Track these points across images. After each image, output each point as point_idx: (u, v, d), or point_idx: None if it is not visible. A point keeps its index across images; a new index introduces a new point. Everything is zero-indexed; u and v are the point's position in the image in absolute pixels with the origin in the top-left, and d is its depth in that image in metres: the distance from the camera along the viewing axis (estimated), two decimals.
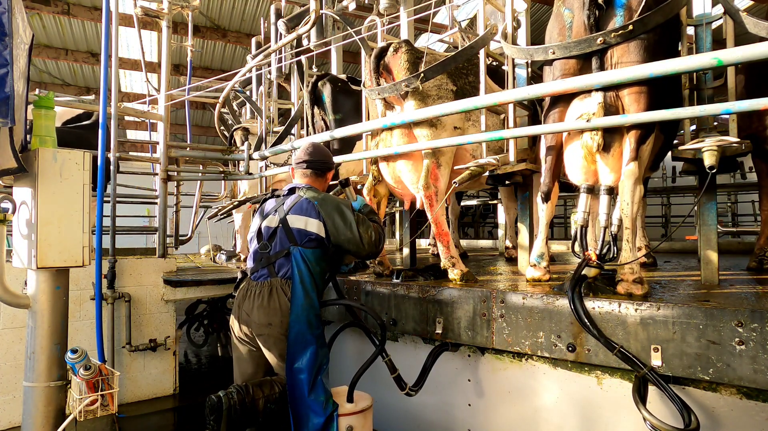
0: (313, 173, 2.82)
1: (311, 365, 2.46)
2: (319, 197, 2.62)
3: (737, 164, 2.82)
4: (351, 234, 2.58)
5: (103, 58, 4.03)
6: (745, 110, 2.08)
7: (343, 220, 2.58)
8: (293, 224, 2.56)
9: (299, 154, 2.86)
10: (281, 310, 2.51)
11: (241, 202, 5.48)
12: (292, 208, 2.61)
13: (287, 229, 2.57)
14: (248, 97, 6.96)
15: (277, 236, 2.61)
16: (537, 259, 2.97)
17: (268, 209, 2.75)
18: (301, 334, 2.47)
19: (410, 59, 3.23)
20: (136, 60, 11.21)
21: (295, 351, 2.46)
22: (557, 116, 2.74)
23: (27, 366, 2.56)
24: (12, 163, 2.32)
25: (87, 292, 4.05)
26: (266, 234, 2.66)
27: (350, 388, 2.64)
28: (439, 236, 3.23)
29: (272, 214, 2.68)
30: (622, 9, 2.48)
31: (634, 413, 2.11)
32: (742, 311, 1.93)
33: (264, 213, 2.76)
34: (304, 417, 2.44)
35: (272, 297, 2.53)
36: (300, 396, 2.44)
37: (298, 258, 2.52)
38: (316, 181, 2.82)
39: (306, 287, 2.50)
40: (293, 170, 2.90)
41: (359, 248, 2.61)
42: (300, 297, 2.49)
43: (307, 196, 2.63)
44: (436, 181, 3.19)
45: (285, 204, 2.66)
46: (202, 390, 4.78)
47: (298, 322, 2.47)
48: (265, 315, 2.52)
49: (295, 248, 2.54)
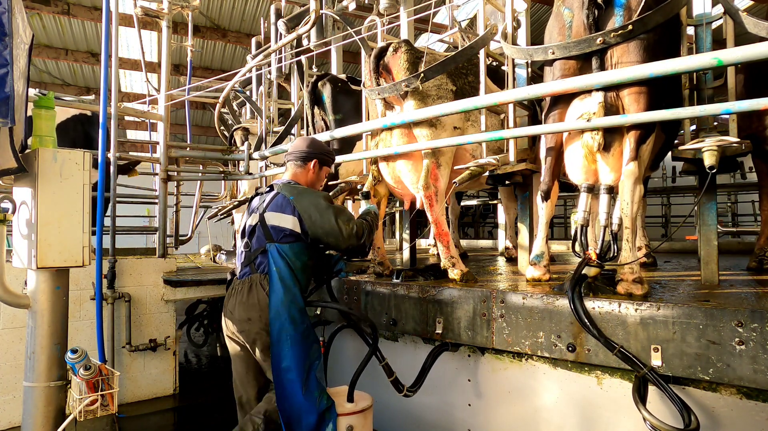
0: (292, 164, 2.80)
1: (300, 362, 2.43)
2: (295, 192, 2.60)
3: (737, 164, 2.81)
4: (329, 227, 2.54)
5: (103, 58, 4.04)
6: (745, 110, 2.08)
7: (319, 213, 2.54)
8: (269, 221, 2.56)
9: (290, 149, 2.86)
10: (259, 305, 2.50)
11: (240, 202, 5.49)
12: (269, 205, 2.61)
13: (264, 226, 2.57)
14: (248, 97, 6.96)
15: (256, 233, 2.62)
16: (536, 258, 2.97)
17: (253, 207, 2.77)
18: (283, 331, 2.43)
19: (410, 59, 3.23)
20: (136, 60, 11.21)
21: (280, 350, 2.43)
22: (557, 116, 2.74)
23: (27, 366, 2.56)
24: (12, 163, 2.32)
25: (87, 292, 4.05)
26: (248, 232, 2.68)
27: (350, 388, 2.64)
28: (439, 236, 3.23)
29: (255, 211, 2.70)
30: (622, 9, 2.48)
31: (634, 413, 2.11)
32: (742, 311, 1.93)
33: (250, 211, 2.78)
34: (295, 418, 2.40)
35: (251, 292, 2.54)
36: (290, 396, 2.40)
37: (275, 255, 2.51)
38: (297, 173, 2.78)
39: (285, 283, 2.47)
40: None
41: (338, 240, 2.56)
42: (279, 292, 2.46)
43: (284, 192, 2.62)
44: (436, 181, 3.19)
45: (265, 201, 2.66)
46: (202, 390, 4.79)
47: (278, 318, 2.44)
48: (245, 311, 2.53)
49: (271, 245, 2.53)
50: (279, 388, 2.43)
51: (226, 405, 4.37)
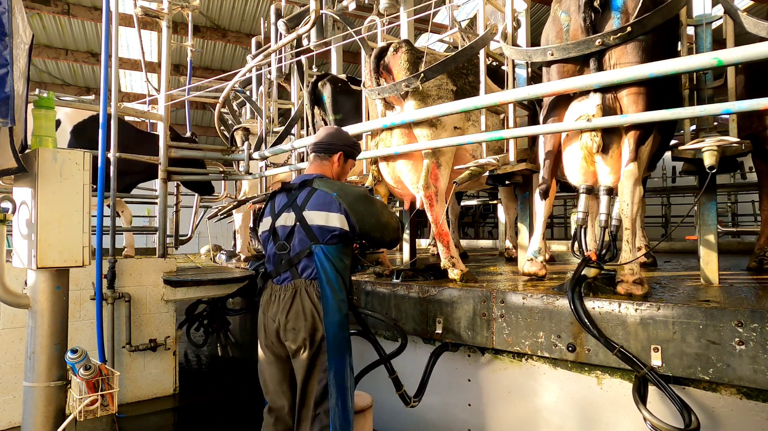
0: (316, 157, 2.60)
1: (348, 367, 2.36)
2: (336, 188, 2.39)
3: (737, 164, 2.82)
4: (376, 221, 2.39)
5: (103, 58, 4.03)
6: (745, 110, 2.08)
7: (367, 208, 2.39)
8: (312, 221, 2.36)
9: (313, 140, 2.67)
10: (305, 313, 2.34)
11: (240, 201, 5.48)
12: (308, 202, 2.40)
13: (306, 227, 2.37)
14: (248, 97, 6.97)
15: (296, 235, 2.41)
16: (534, 254, 2.98)
17: (279, 205, 2.52)
18: (337, 338, 2.32)
19: (410, 59, 3.23)
20: (136, 60, 11.21)
21: (332, 356, 2.31)
22: (556, 119, 2.75)
23: (27, 366, 2.56)
24: (12, 163, 2.32)
25: (87, 292, 4.05)
26: (283, 234, 2.45)
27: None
28: (439, 236, 3.23)
29: (286, 211, 2.46)
30: (619, 12, 2.48)
31: (634, 413, 2.11)
32: (742, 311, 1.93)
33: (276, 210, 2.52)
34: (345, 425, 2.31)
35: (295, 300, 2.37)
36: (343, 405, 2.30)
37: (322, 257, 2.34)
38: (322, 166, 2.58)
39: (333, 287, 2.34)
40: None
41: (384, 234, 2.43)
42: (330, 297, 2.33)
43: (323, 187, 2.39)
44: (436, 180, 3.19)
45: (299, 199, 2.43)
46: (202, 390, 4.79)
47: (333, 325, 2.31)
48: (290, 319, 2.36)
49: (317, 246, 2.35)
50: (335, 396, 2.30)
51: (226, 405, 4.37)
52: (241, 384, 4.99)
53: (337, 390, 2.29)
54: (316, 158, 2.59)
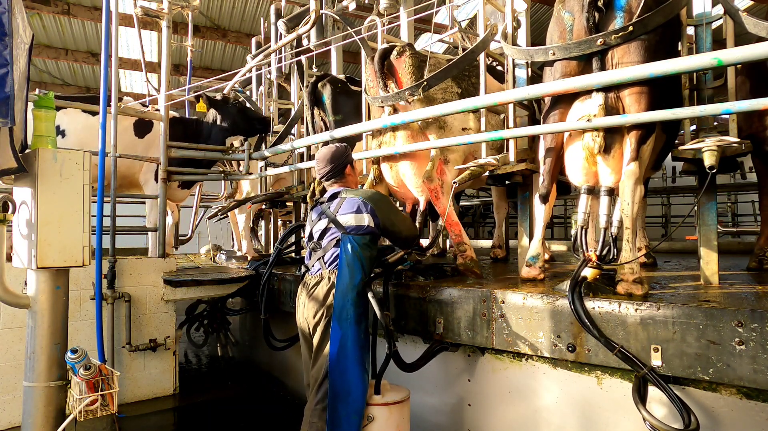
0: (336, 179, 2.96)
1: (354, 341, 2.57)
2: (362, 193, 2.80)
3: (737, 164, 2.82)
4: (394, 218, 2.83)
5: (103, 58, 4.03)
6: (745, 110, 2.08)
7: (387, 207, 2.81)
8: (346, 223, 2.73)
9: (318, 170, 3.00)
10: (322, 297, 2.70)
11: (240, 202, 5.49)
12: (339, 209, 2.79)
13: (339, 226, 2.74)
14: (248, 97, 6.96)
15: (329, 232, 2.80)
16: (532, 260, 2.98)
17: (315, 215, 2.94)
18: (344, 310, 2.59)
19: (414, 63, 3.24)
20: (136, 60, 11.21)
21: (338, 327, 2.58)
22: (557, 118, 2.74)
23: (27, 366, 2.56)
24: (12, 163, 2.32)
25: (87, 292, 4.05)
26: (317, 236, 2.86)
27: (377, 381, 2.67)
28: (449, 226, 3.25)
29: (322, 218, 2.87)
30: (622, 11, 2.48)
31: (634, 413, 2.11)
32: (742, 311, 1.93)
33: (313, 219, 2.95)
34: (345, 390, 2.52)
35: (318, 286, 2.74)
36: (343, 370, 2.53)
37: (347, 244, 2.67)
38: (343, 181, 2.96)
39: (352, 269, 2.62)
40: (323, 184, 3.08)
41: (401, 230, 2.87)
42: (345, 276, 2.62)
43: (351, 195, 2.80)
44: (442, 174, 3.22)
45: (331, 208, 2.83)
46: (202, 390, 4.79)
47: (343, 299, 2.60)
48: (311, 302, 2.75)
49: (345, 236, 2.69)
50: (333, 362, 2.56)
51: (226, 405, 4.38)
52: (241, 384, 4.99)
53: (338, 358, 2.55)
54: (335, 181, 2.97)
